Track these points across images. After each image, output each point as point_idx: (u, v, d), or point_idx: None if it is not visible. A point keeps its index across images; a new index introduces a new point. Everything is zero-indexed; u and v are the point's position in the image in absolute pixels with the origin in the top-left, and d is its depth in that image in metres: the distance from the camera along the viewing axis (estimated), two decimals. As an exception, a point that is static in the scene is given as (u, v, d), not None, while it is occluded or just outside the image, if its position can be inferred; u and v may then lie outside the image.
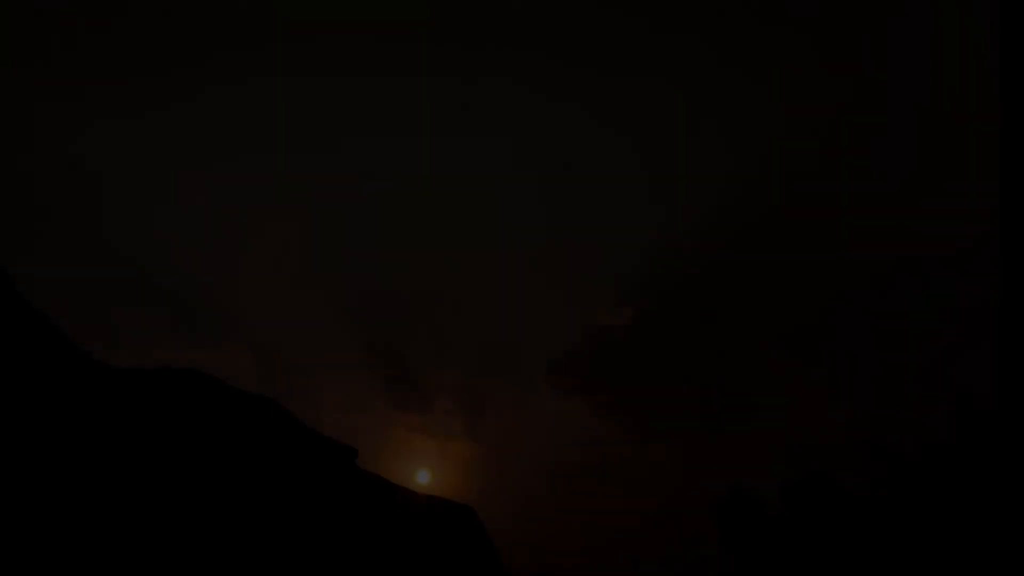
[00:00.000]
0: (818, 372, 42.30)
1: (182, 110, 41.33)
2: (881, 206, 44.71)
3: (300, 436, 9.01)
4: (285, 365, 41.00)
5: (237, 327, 39.38)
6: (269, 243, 43.90)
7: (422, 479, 34.71)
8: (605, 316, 44.26)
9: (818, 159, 42.53)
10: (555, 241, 46.04)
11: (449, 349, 42.23)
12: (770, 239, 45.09)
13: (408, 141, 44.04)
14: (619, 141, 44.67)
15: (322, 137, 44.31)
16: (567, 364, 43.63)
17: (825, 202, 44.40)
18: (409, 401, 41.39)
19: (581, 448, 44.53)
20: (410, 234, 45.77)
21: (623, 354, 42.91)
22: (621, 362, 42.99)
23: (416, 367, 41.66)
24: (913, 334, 38.27)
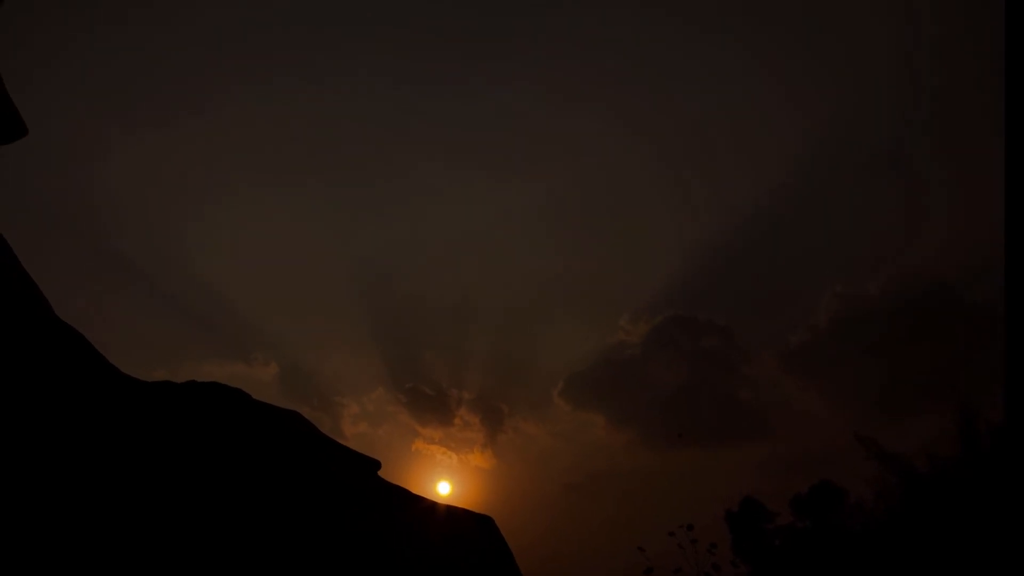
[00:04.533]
0: (827, 386, 42.38)
1: (215, 127, 41.56)
2: (887, 219, 44.88)
3: (325, 448, 8.97)
4: (310, 379, 41.17)
5: (263, 343, 39.55)
6: (294, 260, 44.11)
7: (443, 490, 34.78)
8: (620, 333, 44.34)
9: (828, 175, 42.66)
10: (571, 262, 46.18)
11: (469, 364, 42.35)
12: (781, 257, 45.25)
13: (435, 170, 44.24)
14: (633, 161, 44.78)
15: (357, 162, 44.53)
16: (583, 379, 43.73)
17: (836, 217, 44.57)
18: (431, 415, 41.52)
19: (597, 460, 44.63)
20: (433, 250, 45.95)
21: (637, 369, 43.00)
22: (635, 377, 43.08)
23: (437, 382, 41.80)
24: (918, 347, 38.30)
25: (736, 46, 41.90)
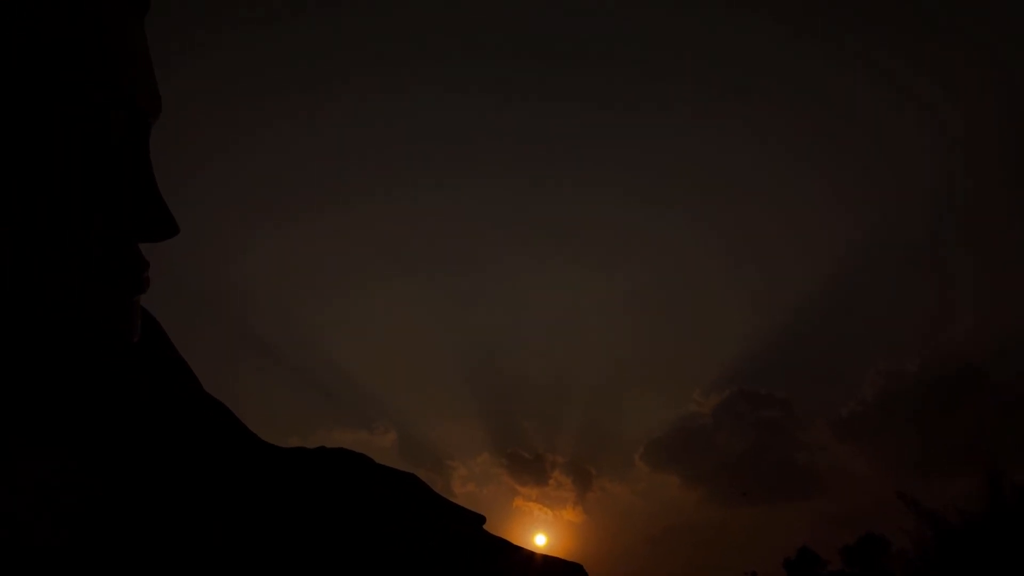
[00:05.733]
0: (872, 451, 41.74)
1: (340, 225, 42.13)
2: (924, 307, 44.40)
3: (437, 505, 8.90)
4: (425, 445, 41.23)
5: (384, 414, 39.73)
6: (410, 341, 44.40)
7: (539, 541, 34.54)
8: (693, 405, 44.10)
9: (871, 268, 42.33)
10: (650, 343, 46.14)
11: (561, 432, 42.21)
12: (832, 339, 44.97)
13: (531, 264, 44.52)
14: (705, 255, 44.76)
15: (464, 256, 45.04)
16: (661, 444, 43.50)
17: (879, 305, 44.16)
18: (529, 476, 41.32)
19: (672, 515, 44.19)
20: (530, 333, 46.12)
21: (708, 436, 42.68)
22: (706, 443, 42.75)
23: (534, 448, 41.67)
24: (952, 418, 37.66)
25: (792, 156, 41.97)
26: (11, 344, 0.73)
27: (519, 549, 1.30)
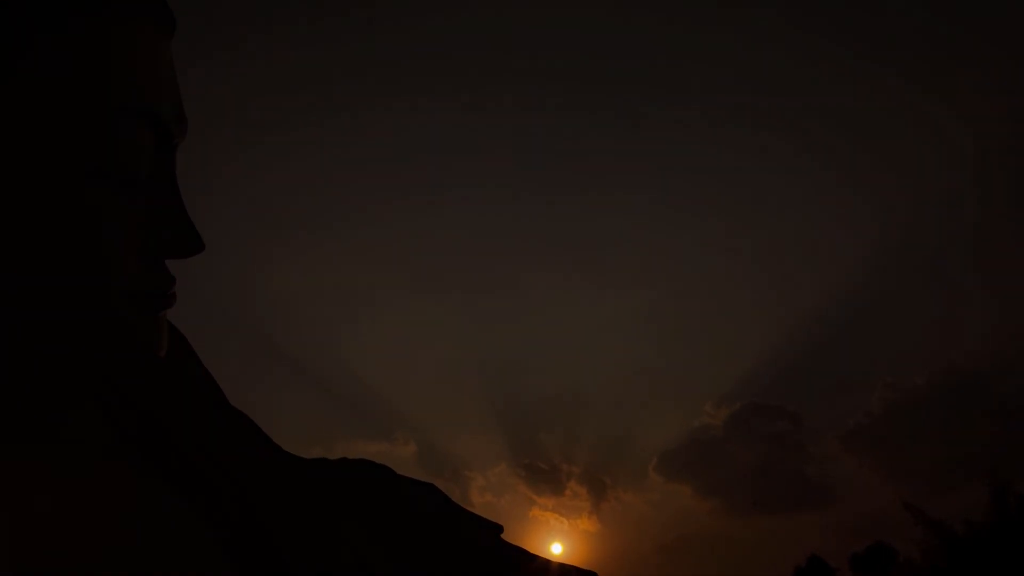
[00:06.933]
0: (880, 462, 41.60)
1: (364, 245, 42.26)
2: (931, 322, 44.35)
3: (457, 515, 8.83)
4: (444, 456, 41.19)
5: (404, 425, 39.73)
6: (429, 355, 44.48)
7: (555, 550, 34.42)
8: (705, 417, 44.05)
9: (880, 284, 42.27)
10: (663, 356, 46.12)
11: (577, 443, 42.11)
12: (842, 352, 44.95)
13: (551, 280, 44.56)
14: (718, 272, 44.76)
15: (484, 272, 45.15)
16: (674, 455, 43.40)
17: (888, 320, 44.10)
18: (545, 486, 41.22)
19: (685, 525, 44.12)
20: (548, 347, 46.15)
21: (720, 448, 42.60)
22: (718, 454, 42.67)
23: (551, 459, 41.58)
24: (958, 430, 37.53)
25: (803, 174, 42.02)
26: (31, 349, 0.72)
27: (536, 557, 1.30)
